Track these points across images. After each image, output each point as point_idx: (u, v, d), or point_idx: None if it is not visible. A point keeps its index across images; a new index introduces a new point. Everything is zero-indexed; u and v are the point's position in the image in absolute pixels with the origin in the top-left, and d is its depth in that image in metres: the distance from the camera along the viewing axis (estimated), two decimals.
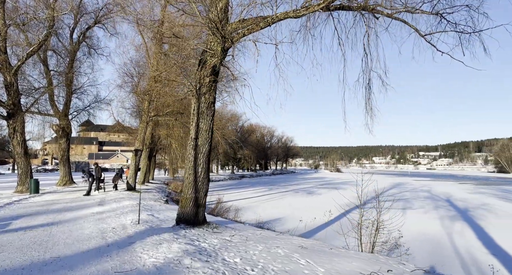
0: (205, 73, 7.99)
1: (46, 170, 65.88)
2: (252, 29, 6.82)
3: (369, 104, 8.59)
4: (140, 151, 20.85)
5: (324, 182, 62.33)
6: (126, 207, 11.78)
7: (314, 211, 23.71)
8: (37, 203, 13.35)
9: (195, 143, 8.21)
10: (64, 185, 23.72)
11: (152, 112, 20.67)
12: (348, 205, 28.57)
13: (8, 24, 18.09)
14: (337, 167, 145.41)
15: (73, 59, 24.53)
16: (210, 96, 8.22)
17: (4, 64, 18.00)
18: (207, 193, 8.35)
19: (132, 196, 16.82)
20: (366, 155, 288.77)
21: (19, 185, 18.64)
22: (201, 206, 8.23)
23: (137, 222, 8.47)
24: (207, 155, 8.30)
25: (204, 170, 8.24)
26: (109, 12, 24.51)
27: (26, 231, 7.61)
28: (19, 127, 18.91)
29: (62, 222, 8.91)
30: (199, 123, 8.22)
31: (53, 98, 24.01)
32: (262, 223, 13.39)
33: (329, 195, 37.71)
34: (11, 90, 18.44)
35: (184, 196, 8.20)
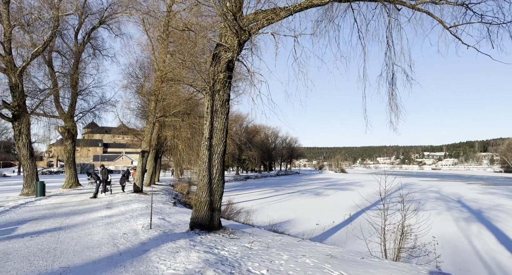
0: (219, 68, 7.56)
1: (51, 173, 65.90)
2: (271, 19, 6.37)
3: (393, 100, 8.11)
4: (147, 153, 20.48)
5: (330, 183, 61.74)
6: (135, 210, 11.37)
7: (324, 213, 23.22)
8: (44, 206, 12.98)
9: (209, 143, 7.77)
10: (70, 188, 23.41)
11: (158, 112, 20.30)
12: (359, 206, 28.04)
13: (13, 25, 17.81)
14: (341, 167, 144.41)
15: (78, 60, 24.26)
16: (224, 93, 7.79)
17: (9, 65, 17.72)
18: (222, 196, 7.90)
19: (140, 198, 16.43)
20: (370, 156, 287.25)
21: (25, 187, 18.34)
22: (216, 210, 7.78)
23: (149, 227, 8.04)
24: (222, 155, 7.86)
25: (219, 171, 7.80)
26: (114, 13, 24.24)
27: (33, 237, 7.20)
28: (25, 129, 18.61)
29: (70, 227, 8.51)
30: (213, 122, 7.79)
31: (58, 99, 23.75)
32: (275, 226, 12.92)
33: (337, 196, 37.25)
34: (16, 92, 18.16)
35: (198, 199, 7.76)
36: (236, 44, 6.71)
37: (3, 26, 17.50)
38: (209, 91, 7.78)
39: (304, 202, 30.14)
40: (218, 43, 7.40)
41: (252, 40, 6.79)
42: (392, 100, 8.19)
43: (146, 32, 18.96)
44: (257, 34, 6.72)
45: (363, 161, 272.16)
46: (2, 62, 17.64)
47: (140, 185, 19.88)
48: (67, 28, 23.93)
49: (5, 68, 17.67)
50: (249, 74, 7.52)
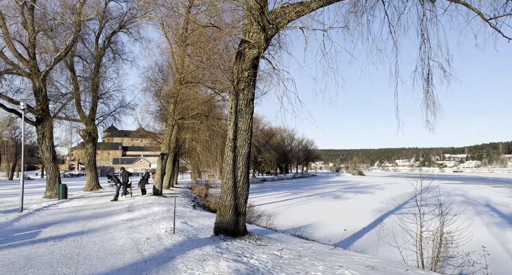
0: (243, 66, 7.23)
1: (73, 175, 67.60)
2: (301, 12, 5.99)
3: (429, 98, 7.54)
4: (166, 155, 20.43)
5: (348, 186, 60.46)
6: (156, 213, 11.18)
7: (346, 217, 22.50)
8: (66, 209, 13.02)
9: (234, 144, 7.44)
10: (91, 190, 23.68)
11: (177, 115, 20.24)
12: (381, 210, 27.09)
13: (37, 30, 18.19)
14: (359, 170, 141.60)
15: (98, 64, 24.63)
16: (248, 93, 7.45)
17: (33, 70, 18.08)
18: (247, 200, 7.55)
19: (160, 201, 16.31)
20: (388, 158, 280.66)
21: (48, 190, 18.62)
22: (241, 215, 7.42)
23: (172, 232, 7.77)
24: (246, 157, 7.51)
25: (244, 174, 7.45)
26: (133, 17, 24.50)
27: (56, 241, 7.06)
28: (48, 133, 18.93)
29: (92, 231, 8.36)
30: (237, 122, 7.46)
31: (79, 103, 24.14)
32: (298, 231, 12.45)
33: (357, 199, 36.24)
34: (39, 96, 18.51)
35: (222, 203, 7.43)
36: (263, 40, 6.37)
37: (27, 31, 17.89)
38: (233, 90, 7.47)
39: (324, 206, 29.43)
40: (242, 39, 7.08)
41: (279, 35, 6.43)
42: (428, 97, 7.62)
43: (165, 34, 18.95)
44: (286, 28, 6.35)
45: (381, 164, 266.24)
46: (26, 67, 18.02)
47: (159, 188, 19.83)
48: (88, 33, 24.36)
49: (30, 72, 18.04)
50: (275, 71, 7.16)
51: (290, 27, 6.33)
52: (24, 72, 18.09)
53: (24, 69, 18.06)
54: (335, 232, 15.77)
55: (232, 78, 7.46)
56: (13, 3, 17.29)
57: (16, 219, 10.36)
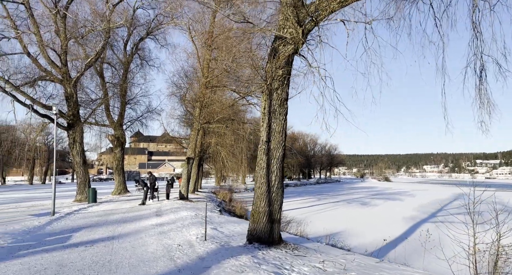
0: (277, 64, 6.85)
1: (101, 179, 69.81)
2: (344, 2, 5.53)
3: (484, 96, 6.81)
4: (192, 159, 20.37)
5: (375, 192, 58.38)
6: (185, 218, 10.95)
7: (378, 225, 21.44)
8: (96, 213, 13.10)
9: (267, 147, 7.04)
10: (119, 194, 24.04)
11: (203, 119, 20.17)
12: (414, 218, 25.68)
13: (69, 38, 18.77)
14: (385, 176, 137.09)
15: (126, 70, 25.16)
16: (283, 92, 7.05)
17: (65, 76, 18.63)
18: (282, 206, 7.10)
19: (187, 205, 16.16)
20: (415, 164, 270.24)
21: (78, 194, 18.99)
22: (275, 222, 6.98)
23: (204, 238, 7.44)
24: (281, 160, 7.09)
25: (278, 178, 7.03)
26: (160, 24, 24.90)
27: (87, 246, 6.92)
28: (78, 137, 19.38)
29: (123, 235, 8.20)
30: (271, 123, 7.06)
31: (108, 108, 24.69)
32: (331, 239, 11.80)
33: (387, 206, 34.70)
34: (71, 102, 19.02)
35: (255, 210, 7.03)
36: (300, 35, 5.97)
37: (60, 39, 18.49)
38: (266, 90, 7.09)
39: (352, 213, 28.34)
40: (276, 36, 6.71)
41: (319, 28, 6.00)
42: (481, 95, 6.89)
43: (191, 38, 19.02)
44: (328, 20, 5.92)
45: (408, 169, 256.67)
46: (59, 73, 18.59)
47: (185, 192, 19.75)
48: (117, 40, 25.02)
49: (62, 79, 18.59)
50: (311, 69, 6.72)
51: (331, 19, 5.91)
52: (57, 79, 18.67)
53: (56, 76, 18.64)
54: (368, 241, 14.95)
55: (265, 77, 7.09)
56: (47, 12, 17.93)
57: (48, 222, 10.45)
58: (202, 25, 19.44)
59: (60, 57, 18.72)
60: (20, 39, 17.66)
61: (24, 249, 6.71)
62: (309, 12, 5.77)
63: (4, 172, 56.10)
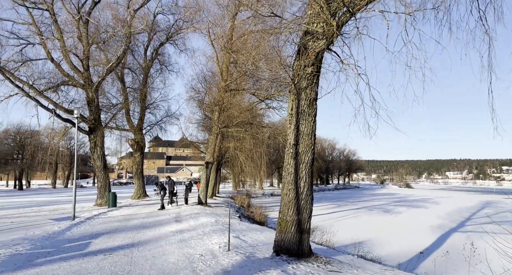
0: (306, 62, 6.37)
1: (121, 183, 71.02)
2: None
3: None
4: (211, 164, 20.08)
5: (397, 199, 56.31)
6: (205, 225, 10.54)
7: (404, 234, 20.34)
8: (115, 218, 12.92)
9: (295, 150, 6.54)
10: (138, 198, 24.03)
11: (222, 123, 19.89)
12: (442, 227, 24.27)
13: (91, 43, 19.00)
14: (406, 182, 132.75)
15: (146, 75, 25.34)
16: (311, 91, 6.55)
17: (86, 81, 18.82)
18: (311, 215, 6.55)
19: (206, 211, 15.81)
20: (437, 170, 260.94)
21: (98, 198, 19.03)
22: (305, 232, 6.43)
23: (227, 248, 6.98)
24: (310, 165, 6.56)
25: (307, 184, 6.50)
26: (179, 29, 25.01)
27: (106, 255, 6.60)
28: (99, 142, 19.49)
29: (142, 243, 7.86)
30: (298, 125, 6.56)
31: (129, 113, 24.87)
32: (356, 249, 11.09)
33: (411, 214, 33.14)
34: (92, 106, 19.18)
35: (283, 218, 6.51)
36: (334, 27, 5.47)
37: (82, 44, 18.74)
38: (294, 89, 6.61)
39: (375, 220, 27.20)
40: (306, 31, 6.24)
41: (356, 20, 5.49)
42: None
43: (211, 42, 18.85)
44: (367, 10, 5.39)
45: (430, 176, 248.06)
46: (81, 78, 18.81)
47: (204, 198, 19.43)
48: (137, 45, 25.30)
49: (84, 83, 18.79)
50: (344, 66, 6.20)
51: (369, 10, 5.38)
52: (79, 83, 18.89)
53: (78, 81, 18.87)
54: (397, 251, 14.08)
55: (292, 76, 6.62)
56: (70, 18, 18.23)
57: (68, 228, 10.30)
58: (222, 28, 19.27)
59: (82, 62, 18.97)
60: (44, 45, 18.02)
61: (42, 256, 6.46)
62: (345, 2, 5.27)
63: (29, 176, 57.91)
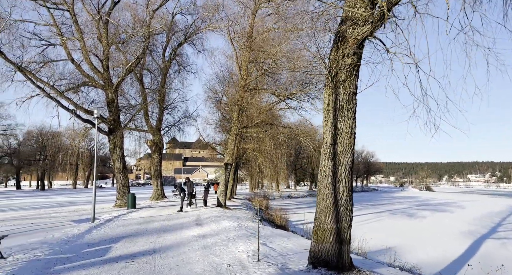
0: (345, 51, 5.72)
1: (139, 184, 71.89)
2: None
3: None
4: (230, 165, 19.57)
5: (419, 203, 54.24)
6: (228, 229, 10.01)
7: (433, 240, 19.18)
8: (135, 220, 12.59)
9: (333, 150, 5.89)
10: (157, 200, 23.84)
11: (241, 124, 19.40)
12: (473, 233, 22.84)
13: (110, 43, 18.92)
14: (427, 185, 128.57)
15: (165, 76, 25.20)
16: (351, 85, 5.89)
17: (106, 82, 18.75)
18: (351, 223, 5.88)
19: (226, 214, 15.30)
20: (459, 172, 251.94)
21: (118, 199, 18.89)
22: (345, 242, 5.77)
23: (256, 258, 6.40)
24: (350, 167, 5.89)
25: (347, 189, 5.83)
26: (198, 29, 24.77)
27: (127, 262, 6.15)
28: (119, 142, 19.37)
29: (164, 249, 7.39)
30: (336, 122, 5.91)
31: (147, 113, 24.79)
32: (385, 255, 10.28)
33: (436, 218, 31.56)
34: (112, 107, 19.09)
35: (319, 227, 5.86)
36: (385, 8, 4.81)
37: (102, 45, 18.68)
38: (330, 83, 5.97)
39: (400, 225, 25.98)
40: (345, 17, 5.60)
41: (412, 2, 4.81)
42: None
43: (231, 40, 18.39)
44: None
45: (451, 178, 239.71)
46: (100, 78, 18.75)
47: (223, 200, 18.95)
48: (156, 45, 25.19)
49: (103, 84, 18.72)
50: (389, 55, 5.51)
51: None
52: (98, 84, 18.84)
53: (98, 81, 18.82)
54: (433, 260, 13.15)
55: (329, 68, 5.99)
56: (90, 18, 18.20)
57: (88, 230, 9.99)
58: (241, 26, 18.82)
59: (102, 63, 18.92)
60: (65, 46, 18.05)
61: (60, 263, 6.07)
62: None
63: (51, 176, 59.32)
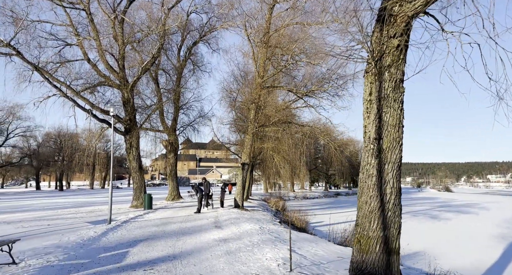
0: (391, 31, 5.00)
1: (154, 185, 72.39)
2: None
3: None
4: (247, 165, 18.96)
5: (440, 204, 52.25)
6: (250, 233, 9.37)
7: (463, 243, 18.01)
8: (152, 222, 12.12)
9: (377, 146, 5.16)
10: (172, 200, 23.50)
11: (257, 122, 18.76)
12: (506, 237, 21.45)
13: (126, 42, 18.65)
14: (446, 185, 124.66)
15: (180, 75, 24.87)
16: (397, 70, 5.15)
17: (122, 81, 18.47)
18: (400, 230, 5.14)
19: (244, 215, 14.69)
20: (478, 173, 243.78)
21: (134, 200, 18.60)
22: (394, 253, 5.03)
23: (288, 268, 5.73)
24: (398, 166, 5.15)
25: (396, 190, 5.09)
26: (212, 27, 24.37)
27: (146, 270, 5.59)
28: (135, 142, 19.08)
29: (185, 254, 6.82)
30: (381, 114, 5.18)
31: (163, 113, 24.54)
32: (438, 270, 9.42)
33: (461, 221, 29.99)
34: (128, 106, 18.81)
35: (363, 234, 5.14)
36: None
37: (117, 44, 18.40)
38: (373, 69, 5.24)
39: (424, 228, 24.74)
40: None
41: None
42: None
43: (248, 36, 17.81)
44: None
45: (469, 179, 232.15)
46: (116, 78, 18.49)
47: (241, 200, 18.35)
48: (171, 45, 24.90)
49: (119, 84, 18.45)
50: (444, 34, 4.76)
51: None
52: (114, 84, 18.58)
53: (114, 81, 18.57)
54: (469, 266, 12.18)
55: (371, 51, 5.26)
56: (106, 18, 17.96)
57: (104, 233, 9.55)
58: (258, 21, 18.23)
59: (118, 62, 18.66)
60: (81, 45, 17.87)
61: (75, 270, 5.57)
62: None
63: (69, 177, 60.28)
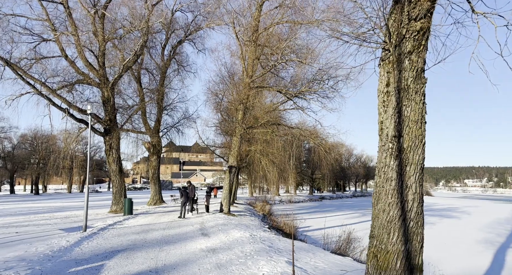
0: (413, 13, 4.40)
1: (135, 188, 70.01)
2: None
3: None
4: (234, 168, 18.15)
5: None
6: (241, 242, 8.55)
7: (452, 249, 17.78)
8: (132, 229, 11.09)
9: (397, 145, 4.51)
10: (155, 204, 22.32)
11: (246, 123, 18.02)
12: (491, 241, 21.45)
13: (107, 39, 17.56)
14: (426, 189, 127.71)
15: (164, 75, 23.82)
16: (419, 58, 4.54)
17: (102, 80, 17.36)
18: (423, 242, 4.49)
19: (232, 221, 13.85)
20: (455, 177, 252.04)
21: (113, 204, 17.44)
22: (417, 270, 4.35)
23: None
24: (421, 168, 4.51)
25: (419, 197, 4.44)
26: (198, 27, 23.54)
27: None
28: (115, 144, 17.94)
29: (169, 268, 5.95)
30: (401, 107, 4.54)
31: (145, 114, 23.40)
32: None
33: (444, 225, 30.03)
34: (108, 106, 17.68)
35: (380, 247, 4.45)
36: None
37: (97, 40, 17.29)
38: (392, 55, 4.61)
39: None
40: None
41: None
42: None
43: (236, 34, 17.09)
44: None
45: (447, 183, 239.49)
46: (96, 76, 17.36)
47: (227, 205, 17.46)
48: (154, 43, 23.83)
49: (99, 82, 17.32)
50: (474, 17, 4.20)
51: None
52: (94, 82, 17.45)
53: (93, 79, 17.46)
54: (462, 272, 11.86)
55: (388, 36, 4.64)
56: (85, 12, 16.84)
57: (78, 242, 8.49)
58: (246, 19, 17.59)
59: (98, 59, 17.53)
60: (58, 41, 16.67)
61: None
62: None
63: (46, 180, 57.32)
